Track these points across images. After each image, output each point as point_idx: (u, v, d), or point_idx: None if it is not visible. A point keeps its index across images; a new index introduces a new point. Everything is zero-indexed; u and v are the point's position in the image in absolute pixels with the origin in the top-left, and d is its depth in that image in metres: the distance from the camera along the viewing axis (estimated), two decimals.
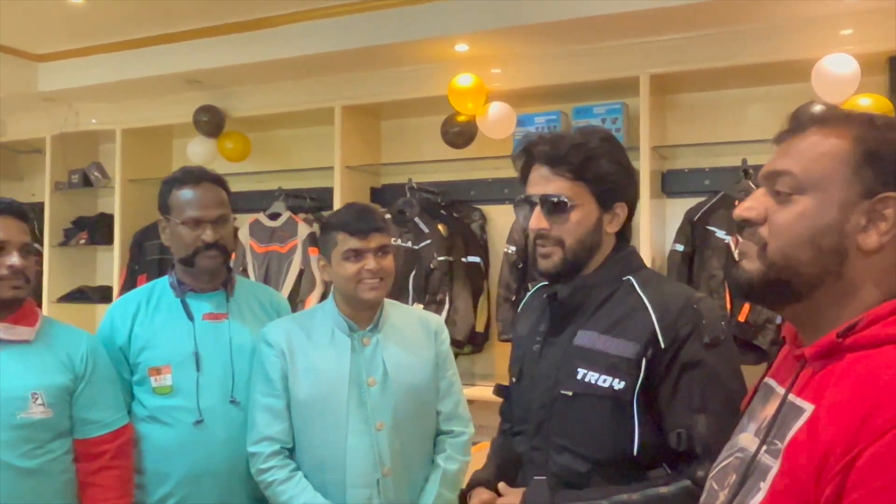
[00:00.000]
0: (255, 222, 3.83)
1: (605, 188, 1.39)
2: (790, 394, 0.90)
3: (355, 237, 1.83)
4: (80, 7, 3.23)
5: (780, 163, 0.92)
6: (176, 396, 1.89)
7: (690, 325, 1.31)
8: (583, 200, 1.39)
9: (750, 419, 0.98)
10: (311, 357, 1.87)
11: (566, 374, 1.37)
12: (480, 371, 3.59)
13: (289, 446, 1.86)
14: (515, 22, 2.97)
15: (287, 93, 3.76)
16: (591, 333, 1.37)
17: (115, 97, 4.11)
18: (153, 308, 1.97)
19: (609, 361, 1.33)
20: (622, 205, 1.43)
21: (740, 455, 0.94)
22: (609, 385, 1.32)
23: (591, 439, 1.34)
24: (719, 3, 2.68)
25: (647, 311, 1.34)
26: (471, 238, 3.53)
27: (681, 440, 1.28)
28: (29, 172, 4.81)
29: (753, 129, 3.11)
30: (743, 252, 0.95)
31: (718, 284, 2.93)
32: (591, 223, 1.40)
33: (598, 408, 1.33)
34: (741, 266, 0.95)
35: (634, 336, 1.33)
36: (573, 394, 1.35)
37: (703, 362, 1.30)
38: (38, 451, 1.70)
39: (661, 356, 1.31)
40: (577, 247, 1.39)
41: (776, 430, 0.88)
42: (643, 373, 1.31)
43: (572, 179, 1.38)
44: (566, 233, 1.39)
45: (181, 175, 1.96)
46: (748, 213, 0.93)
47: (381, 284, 1.85)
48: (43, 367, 1.75)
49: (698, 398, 1.29)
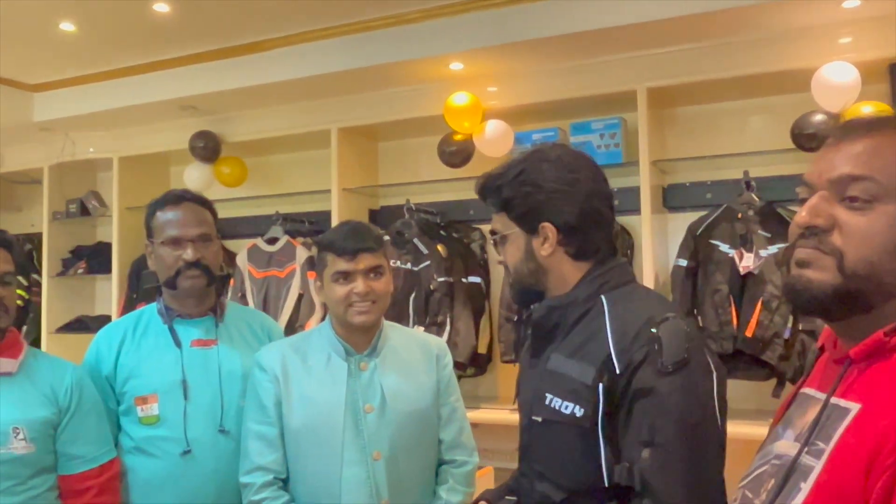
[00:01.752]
0: (252, 247, 3.79)
1: (518, 214, 1.39)
2: (833, 397, 0.87)
3: (342, 258, 1.76)
4: (73, 35, 3.23)
5: (852, 167, 0.86)
6: (162, 426, 1.83)
7: (645, 349, 1.22)
8: (510, 230, 1.40)
9: (787, 427, 0.95)
10: (305, 383, 1.80)
11: (537, 398, 1.33)
12: (484, 393, 3.53)
13: (282, 476, 1.78)
14: (510, 39, 2.95)
15: (282, 116, 3.74)
16: (560, 357, 1.32)
17: (110, 125, 4.10)
18: (140, 335, 1.93)
19: (571, 387, 1.27)
20: (547, 225, 1.35)
21: (777, 462, 0.91)
22: (571, 412, 1.26)
23: (562, 467, 1.29)
24: (716, 14, 2.65)
25: (605, 334, 1.27)
26: (471, 258, 3.48)
27: (622, 474, 1.20)
28: (27, 203, 4.80)
29: (754, 141, 3.07)
30: (806, 261, 0.88)
31: (723, 299, 2.87)
32: (521, 250, 1.39)
33: (566, 435, 1.28)
34: (805, 276, 0.88)
35: (592, 360, 1.26)
36: (542, 420, 1.32)
37: (655, 391, 1.19)
38: (20, 487, 1.64)
39: (617, 381, 1.23)
40: (515, 274, 1.42)
41: (819, 432, 0.85)
42: (602, 399, 1.23)
43: (498, 212, 1.42)
44: (508, 262, 1.42)
45: (163, 197, 1.94)
46: (816, 219, 0.87)
47: (373, 307, 1.78)
48: (25, 401, 1.69)
49: (646, 429, 1.19)
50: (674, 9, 2.66)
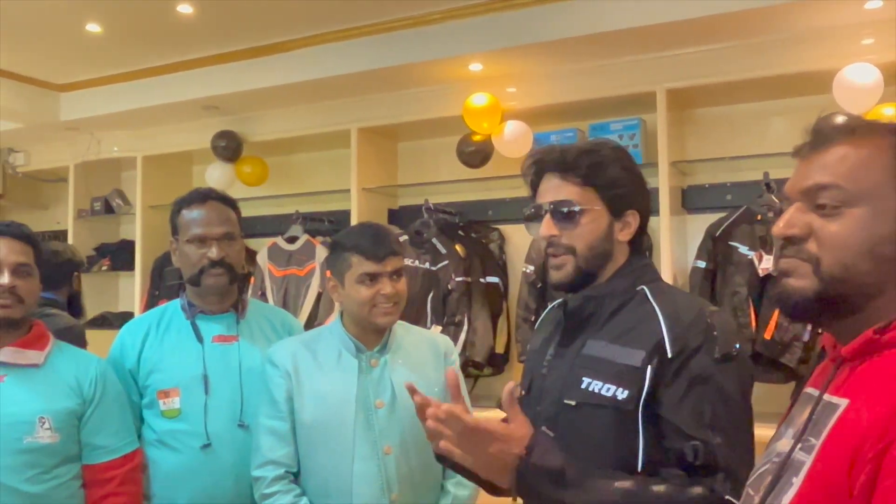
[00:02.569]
0: (273, 246, 3.83)
1: (615, 194, 1.36)
2: (825, 394, 0.89)
3: (371, 261, 1.78)
4: (100, 36, 3.29)
5: (820, 176, 0.91)
6: (184, 420, 1.87)
7: (701, 337, 1.26)
8: (593, 206, 1.36)
9: (788, 426, 0.97)
10: (317, 378, 1.82)
11: (571, 383, 1.33)
12: (500, 393, 3.53)
13: (293, 470, 1.80)
14: (529, 40, 2.96)
15: (303, 116, 3.79)
16: (600, 343, 1.33)
17: (135, 125, 4.16)
18: (163, 330, 1.96)
19: (615, 370, 1.28)
20: (634, 213, 1.39)
21: (776, 459, 0.93)
22: (612, 394, 1.27)
23: (593, 451, 1.28)
24: (736, 15, 2.64)
25: (657, 320, 1.29)
26: (489, 258, 3.49)
27: (698, 453, 1.22)
28: (53, 201, 4.89)
29: (775, 143, 3.05)
30: (788, 270, 0.92)
31: (742, 301, 2.86)
32: (602, 230, 1.36)
33: (601, 418, 1.28)
34: (788, 285, 0.92)
35: (641, 344, 1.28)
36: (576, 403, 1.31)
37: (713, 378, 1.24)
38: (45, 476, 1.68)
39: (668, 365, 1.26)
40: (588, 253, 1.36)
41: (811, 429, 0.88)
42: (648, 382, 1.26)
43: (582, 185, 1.35)
44: (577, 239, 1.35)
45: (189, 195, 1.96)
46: (790, 230, 0.91)
47: (395, 309, 1.81)
48: (51, 392, 1.74)
49: (709, 415, 1.23)
50: (693, 10, 2.66)
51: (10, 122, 4.11)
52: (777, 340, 2.76)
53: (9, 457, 1.64)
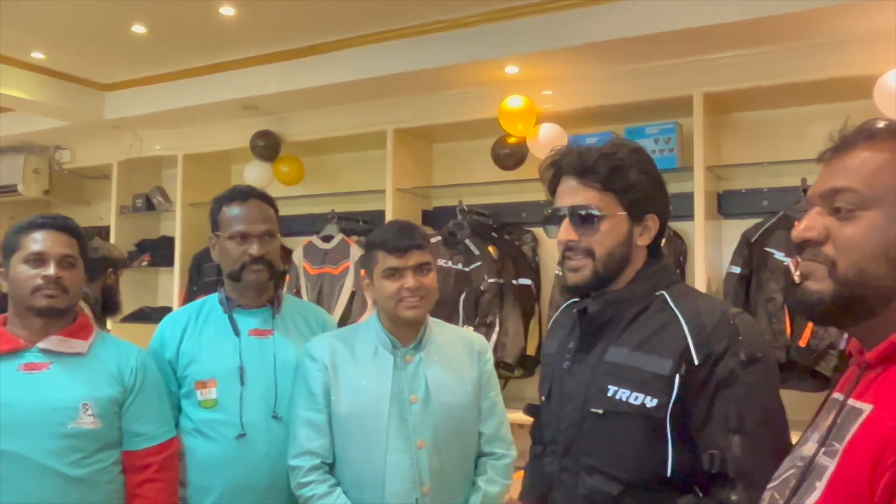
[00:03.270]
0: (308, 245, 3.88)
1: (634, 199, 1.36)
2: (849, 399, 0.90)
3: (393, 255, 1.82)
4: (144, 37, 3.37)
5: (837, 180, 0.92)
6: (220, 410, 1.92)
7: (726, 341, 1.25)
8: (612, 211, 1.35)
9: (813, 431, 0.98)
10: (353, 373, 1.86)
11: (596, 391, 1.32)
12: (531, 395, 3.50)
13: (329, 461, 1.85)
14: (565, 43, 2.97)
15: (340, 117, 3.84)
16: (622, 350, 1.32)
17: (176, 124, 4.26)
18: (202, 323, 2.01)
19: (641, 378, 1.28)
20: (653, 217, 1.39)
21: (800, 463, 0.94)
22: (641, 402, 1.27)
23: (622, 460, 1.29)
24: (775, 19, 2.62)
25: (680, 326, 1.29)
26: (522, 260, 3.50)
27: (713, 461, 1.22)
28: (96, 197, 5.02)
29: (813, 148, 2.89)
30: (806, 273, 0.94)
31: (777, 308, 2.83)
32: (622, 235, 1.36)
33: (630, 426, 1.28)
34: (806, 288, 0.93)
35: (667, 352, 1.27)
36: (603, 411, 1.31)
37: (740, 380, 1.24)
38: (87, 460, 1.74)
39: (695, 373, 1.25)
40: (607, 258, 1.35)
41: (835, 433, 0.89)
42: (676, 390, 1.25)
43: (601, 190, 1.35)
44: (596, 244, 1.35)
45: (230, 193, 2.01)
46: (808, 233, 0.93)
47: (422, 302, 1.84)
48: (94, 380, 1.79)
49: (734, 417, 1.23)
50: (732, 13, 2.64)
51: (57, 121, 4.23)
52: (812, 348, 2.73)
53: (53, 441, 1.70)
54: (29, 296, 1.75)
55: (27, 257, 1.77)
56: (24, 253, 1.77)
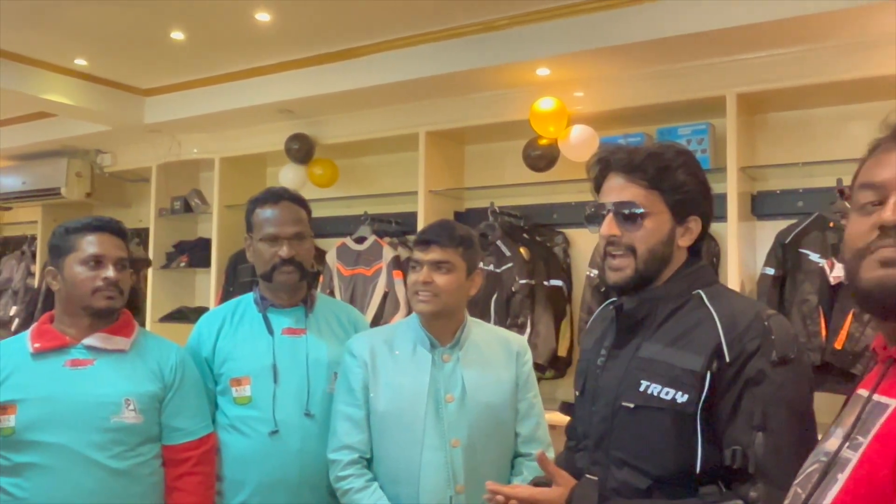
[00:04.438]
0: (341, 246, 3.93)
1: (679, 199, 1.36)
2: (875, 394, 0.89)
3: (417, 247, 1.88)
4: (183, 43, 3.45)
5: None
6: (254, 407, 1.96)
7: (758, 341, 1.26)
8: (657, 209, 1.36)
9: (837, 426, 0.97)
10: (391, 370, 1.90)
11: (628, 385, 1.34)
12: (563, 396, 3.53)
13: (367, 456, 1.88)
14: (597, 44, 2.97)
15: (373, 120, 3.88)
16: (656, 346, 1.33)
17: (213, 128, 4.34)
18: (237, 322, 2.06)
19: (672, 373, 1.29)
20: (696, 219, 1.39)
21: (824, 458, 0.93)
22: (672, 398, 1.28)
23: (652, 454, 1.30)
24: (808, 18, 2.60)
25: (714, 324, 1.30)
26: (553, 261, 3.51)
27: (735, 457, 1.23)
28: (136, 199, 5.15)
29: (849, 148, 2.95)
30: (892, 259, 0.87)
31: (812, 309, 2.80)
32: (664, 234, 1.37)
33: (660, 421, 1.29)
34: (892, 274, 0.87)
35: (699, 349, 1.28)
36: (634, 406, 1.32)
37: (769, 379, 1.24)
38: (129, 453, 1.80)
39: (726, 370, 1.26)
40: (648, 256, 1.36)
41: (859, 428, 0.88)
42: (707, 387, 1.26)
43: (647, 188, 1.36)
44: (638, 240, 1.36)
45: (263, 195, 2.06)
46: None
47: (433, 300, 1.86)
48: (136, 376, 1.85)
49: (759, 415, 1.23)
50: (764, 13, 2.62)
51: (98, 125, 4.35)
52: (848, 350, 2.69)
53: (97, 434, 1.76)
54: (88, 296, 1.81)
55: (85, 259, 1.81)
56: (81, 255, 1.82)
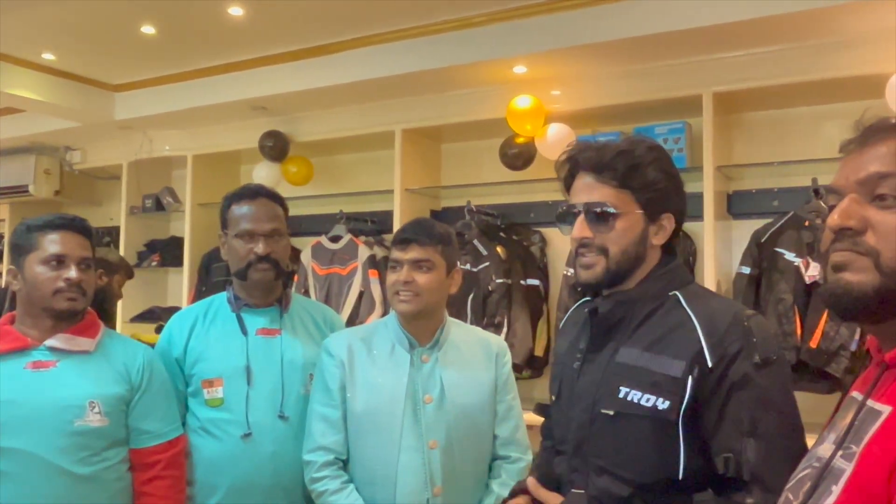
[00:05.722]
0: (316, 245, 3.89)
1: (651, 197, 1.33)
2: (868, 399, 0.87)
3: (396, 247, 1.85)
4: (154, 38, 3.38)
5: (878, 166, 0.87)
6: (226, 409, 1.91)
7: (740, 343, 1.23)
8: (628, 209, 1.33)
9: (830, 431, 0.95)
10: (369, 370, 1.86)
11: (607, 392, 1.30)
12: (540, 396, 3.52)
13: (343, 457, 1.85)
14: (574, 42, 2.96)
15: (348, 117, 3.84)
16: (633, 350, 1.30)
17: (186, 124, 4.27)
18: (209, 322, 2.01)
19: (652, 380, 1.26)
20: (669, 216, 1.36)
21: (816, 464, 0.91)
22: (652, 405, 1.25)
23: (632, 461, 1.27)
24: (785, 18, 2.60)
25: (693, 327, 1.26)
26: (530, 261, 3.49)
27: (728, 465, 1.20)
28: (106, 198, 5.05)
29: (824, 148, 2.98)
30: (843, 264, 0.88)
31: (787, 308, 2.81)
32: (637, 233, 1.33)
33: (641, 428, 1.26)
34: (844, 279, 0.87)
35: (680, 353, 1.25)
36: (614, 413, 1.28)
37: (753, 383, 1.21)
38: (94, 458, 1.74)
39: (709, 375, 1.23)
40: (620, 257, 1.33)
41: (852, 435, 0.86)
42: (689, 392, 1.23)
43: (617, 187, 1.32)
44: (610, 241, 1.32)
45: (240, 191, 2.02)
46: (847, 221, 0.87)
47: (414, 299, 1.82)
48: (101, 377, 1.79)
49: (748, 421, 1.20)
50: (741, 12, 2.62)
51: (67, 121, 4.26)
52: (823, 349, 2.70)
53: (60, 439, 1.70)
54: (49, 297, 1.75)
55: (46, 259, 1.75)
56: (42, 254, 1.76)
